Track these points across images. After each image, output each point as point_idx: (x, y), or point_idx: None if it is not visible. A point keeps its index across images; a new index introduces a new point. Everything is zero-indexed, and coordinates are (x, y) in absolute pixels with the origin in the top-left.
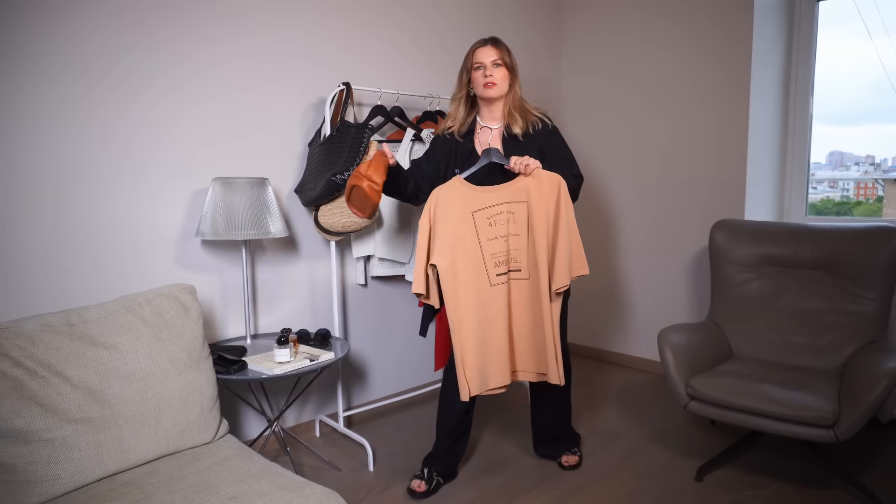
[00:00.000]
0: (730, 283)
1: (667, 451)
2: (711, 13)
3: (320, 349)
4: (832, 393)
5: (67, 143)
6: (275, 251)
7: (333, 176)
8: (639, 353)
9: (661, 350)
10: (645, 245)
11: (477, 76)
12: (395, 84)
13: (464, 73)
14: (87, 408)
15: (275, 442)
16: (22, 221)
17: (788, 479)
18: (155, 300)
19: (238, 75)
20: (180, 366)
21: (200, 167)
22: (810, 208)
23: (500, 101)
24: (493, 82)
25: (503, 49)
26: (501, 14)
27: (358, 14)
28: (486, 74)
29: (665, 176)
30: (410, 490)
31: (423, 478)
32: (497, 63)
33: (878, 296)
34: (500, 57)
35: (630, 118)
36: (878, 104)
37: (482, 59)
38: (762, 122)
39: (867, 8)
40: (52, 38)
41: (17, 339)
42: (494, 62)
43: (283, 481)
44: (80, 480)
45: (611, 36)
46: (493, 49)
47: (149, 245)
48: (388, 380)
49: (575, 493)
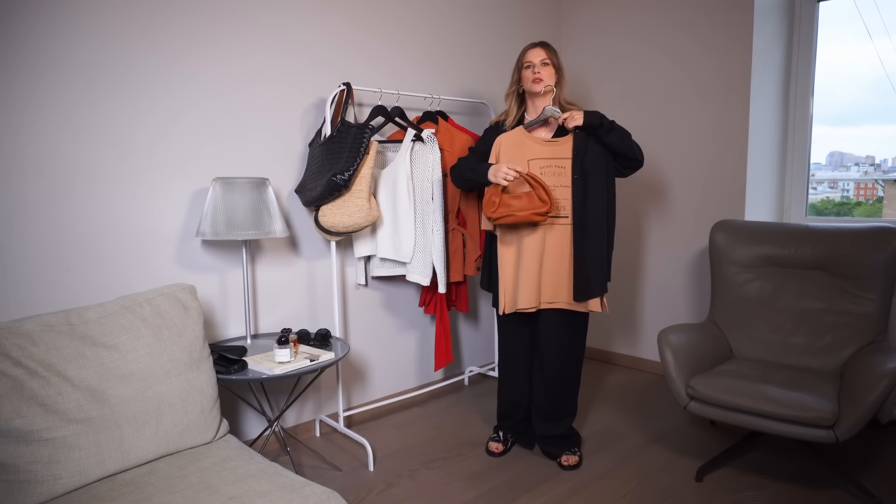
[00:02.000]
0: (730, 283)
1: (667, 451)
2: (711, 14)
3: (320, 349)
4: (832, 393)
5: (67, 143)
6: (275, 251)
7: (334, 176)
8: (639, 353)
9: (661, 350)
10: (645, 245)
11: (527, 74)
12: (395, 84)
13: (515, 72)
14: (88, 408)
15: (275, 442)
16: (21, 221)
17: (788, 479)
18: (155, 300)
19: (238, 75)
20: (180, 366)
21: (201, 167)
22: (810, 209)
23: (547, 96)
24: (541, 78)
25: (551, 50)
26: (501, 14)
27: (358, 14)
28: (535, 72)
29: (665, 176)
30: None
31: (499, 439)
32: (545, 62)
33: (878, 296)
34: (547, 57)
35: (630, 118)
36: (878, 105)
37: (532, 58)
38: (762, 122)
39: (867, 8)
40: (51, 37)
41: (18, 339)
42: (542, 61)
43: (283, 481)
44: (80, 480)
45: (611, 36)
46: (542, 50)
47: (149, 245)
48: (388, 380)
49: (575, 493)
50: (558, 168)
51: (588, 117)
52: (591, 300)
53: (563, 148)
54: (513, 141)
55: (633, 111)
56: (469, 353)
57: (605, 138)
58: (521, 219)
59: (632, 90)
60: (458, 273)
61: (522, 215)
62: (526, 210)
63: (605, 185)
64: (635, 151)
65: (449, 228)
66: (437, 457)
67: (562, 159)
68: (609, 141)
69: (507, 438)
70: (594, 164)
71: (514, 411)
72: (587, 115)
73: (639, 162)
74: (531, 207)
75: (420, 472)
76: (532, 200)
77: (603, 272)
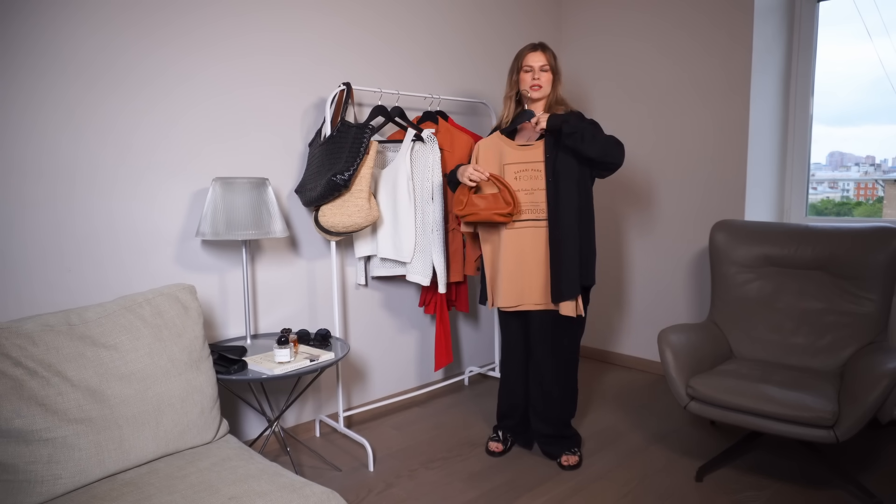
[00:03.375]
0: (730, 283)
1: (667, 451)
2: (711, 14)
3: (320, 349)
4: (832, 393)
5: (67, 143)
6: (275, 251)
7: (334, 176)
8: (639, 353)
9: (661, 350)
10: (645, 245)
11: (525, 77)
12: (395, 84)
13: (513, 73)
14: (88, 408)
15: (275, 442)
16: (21, 221)
17: (788, 479)
18: (155, 300)
19: (238, 75)
20: (180, 366)
21: (200, 167)
22: (810, 209)
23: (541, 100)
24: (539, 85)
25: (550, 54)
26: (502, 14)
27: (358, 13)
28: (535, 77)
29: (665, 176)
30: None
31: (499, 439)
32: (544, 68)
33: (878, 296)
34: (548, 62)
35: (630, 118)
36: (878, 105)
37: (532, 62)
38: (762, 122)
39: (867, 8)
40: (51, 37)
41: (18, 339)
42: (542, 67)
43: (283, 481)
44: (80, 480)
45: (611, 36)
46: (542, 54)
47: (149, 245)
48: (388, 380)
49: (575, 493)
50: (534, 172)
51: (550, 121)
52: (564, 303)
53: (536, 152)
54: (490, 146)
55: (632, 111)
56: (469, 353)
57: (566, 141)
58: (484, 218)
59: (631, 90)
60: (458, 273)
61: (485, 215)
62: (489, 210)
63: (576, 187)
64: (606, 154)
65: (449, 228)
66: (437, 457)
67: (536, 163)
68: (570, 144)
69: (506, 438)
70: (566, 167)
71: (512, 411)
72: (551, 118)
73: (611, 165)
74: (495, 208)
75: (420, 473)
76: (497, 202)
77: (577, 275)
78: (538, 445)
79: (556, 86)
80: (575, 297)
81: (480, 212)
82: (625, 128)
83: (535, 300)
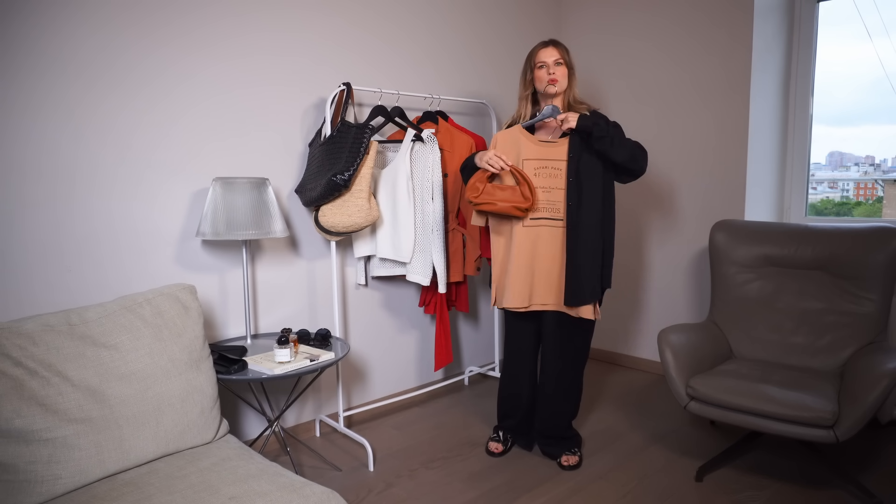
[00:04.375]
0: (730, 283)
1: (667, 451)
2: (712, 13)
3: (320, 349)
4: (832, 393)
5: (67, 143)
6: (275, 251)
7: (334, 176)
8: (639, 353)
9: (661, 350)
10: (645, 245)
11: (541, 74)
12: (395, 84)
13: (527, 73)
14: (88, 408)
15: (275, 442)
16: (21, 221)
17: (788, 479)
18: (155, 300)
19: (238, 74)
20: (180, 366)
21: (200, 167)
22: (810, 209)
23: (559, 97)
24: (556, 79)
25: (563, 49)
26: (501, 14)
27: (358, 14)
28: (550, 72)
29: (665, 176)
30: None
31: (499, 439)
32: (559, 62)
33: (878, 296)
34: (561, 56)
35: (630, 118)
36: (878, 105)
37: (545, 58)
38: (762, 122)
39: (867, 8)
40: (51, 37)
41: (18, 339)
42: (556, 61)
43: (283, 481)
44: (80, 480)
45: (611, 36)
46: (555, 49)
47: (149, 245)
48: (388, 380)
49: (575, 494)
50: (554, 170)
51: (581, 121)
52: (583, 307)
53: (558, 150)
54: (509, 138)
55: (632, 111)
56: (469, 353)
57: (596, 145)
58: (501, 210)
59: (631, 90)
60: (458, 273)
61: (503, 206)
62: (508, 202)
63: (601, 189)
64: (634, 161)
65: (449, 228)
66: (437, 457)
67: (557, 161)
68: (599, 148)
69: (506, 438)
70: (591, 168)
71: (514, 411)
72: (581, 118)
73: (636, 172)
74: (513, 201)
75: (420, 472)
76: (515, 194)
77: (597, 278)
78: (538, 446)
79: (572, 81)
80: (595, 301)
81: (498, 202)
82: (625, 127)
83: (546, 301)
